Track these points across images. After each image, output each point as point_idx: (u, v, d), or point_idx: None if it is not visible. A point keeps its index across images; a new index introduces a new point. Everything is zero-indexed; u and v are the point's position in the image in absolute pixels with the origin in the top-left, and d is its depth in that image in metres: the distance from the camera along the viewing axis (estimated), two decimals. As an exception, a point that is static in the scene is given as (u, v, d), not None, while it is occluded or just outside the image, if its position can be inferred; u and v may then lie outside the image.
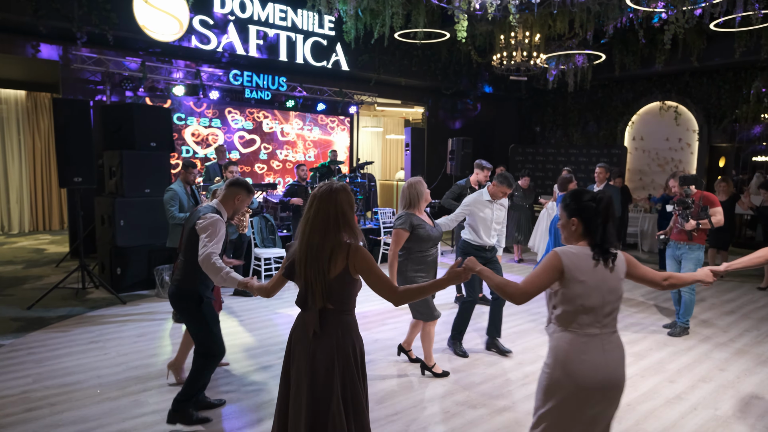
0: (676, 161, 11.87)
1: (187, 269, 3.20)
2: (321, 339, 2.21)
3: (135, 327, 5.20)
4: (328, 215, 2.19)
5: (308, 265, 2.19)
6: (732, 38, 9.42)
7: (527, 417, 3.50)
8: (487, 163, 6.11)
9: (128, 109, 6.59)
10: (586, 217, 2.14)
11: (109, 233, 6.41)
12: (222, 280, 2.96)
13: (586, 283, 2.07)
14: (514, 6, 7.11)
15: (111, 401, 3.61)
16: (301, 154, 10.67)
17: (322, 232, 2.19)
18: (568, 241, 2.22)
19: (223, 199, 3.26)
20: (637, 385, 4.06)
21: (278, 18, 9.23)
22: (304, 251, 2.20)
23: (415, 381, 4.04)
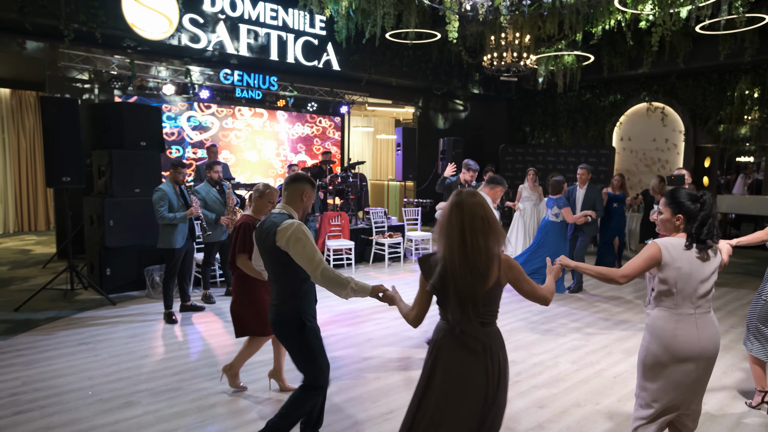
0: (663, 161, 12.02)
1: (283, 293, 2.73)
2: (485, 354, 2.08)
3: (126, 328, 5.15)
4: (483, 222, 2.04)
5: (464, 276, 2.01)
6: (717, 41, 9.56)
7: (520, 413, 3.53)
8: (474, 164, 6.17)
9: (117, 108, 6.54)
10: (690, 215, 2.43)
11: (98, 233, 6.34)
12: (352, 292, 2.56)
13: (682, 270, 2.40)
14: (504, 7, 7.15)
15: (103, 403, 3.58)
16: (292, 153, 10.64)
17: (478, 241, 2.03)
18: (669, 232, 2.54)
19: (288, 200, 2.82)
20: (627, 381, 4.11)
21: (269, 17, 9.20)
22: (460, 262, 2.01)
23: (409, 378, 4.05)
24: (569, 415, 3.54)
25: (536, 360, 4.53)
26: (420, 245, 9.39)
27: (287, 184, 2.86)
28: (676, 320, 2.42)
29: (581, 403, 3.73)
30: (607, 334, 5.29)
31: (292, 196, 2.82)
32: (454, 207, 2.06)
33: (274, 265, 2.73)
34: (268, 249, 2.70)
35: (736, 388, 4.04)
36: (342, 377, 4.09)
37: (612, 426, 3.42)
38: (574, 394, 3.88)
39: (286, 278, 2.69)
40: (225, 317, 5.57)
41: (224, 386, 3.88)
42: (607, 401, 3.77)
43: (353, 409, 3.58)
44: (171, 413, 3.45)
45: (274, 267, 2.73)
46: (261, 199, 3.64)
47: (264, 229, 2.73)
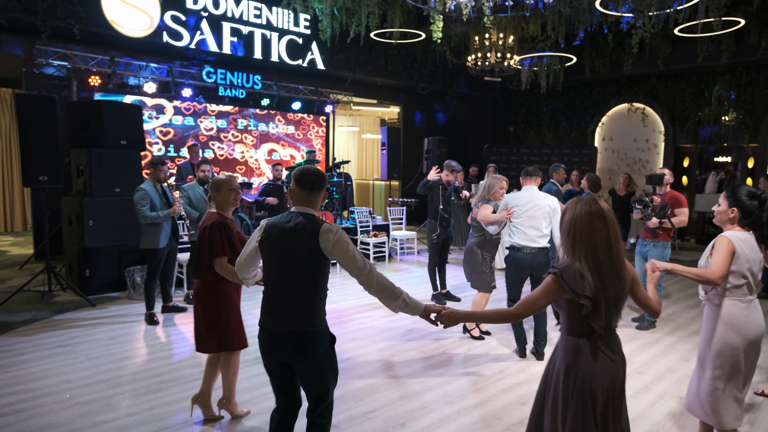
0: (644, 161, 12.19)
1: (305, 304, 2.36)
2: (622, 359, 2.12)
3: (105, 330, 5.07)
4: (619, 229, 2.06)
5: (614, 285, 1.99)
6: (695, 44, 9.73)
7: (503, 410, 3.55)
8: (457, 166, 6.20)
9: (97, 106, 6.43)
10: (745, 210, 2.67)
11: (77, 234, 6.23)
12: (403, 305, 2.31)
13: (750, 260, 2.64)
14: (488, 8, 7.20)
15: (81, 406, 3.51)
16: (276, 153, 10.58)
17: (620, 249, 2.04)
18: (722, 224, 2.76)
19: (308, 201, 2.45)
20: (609, 379, 4.16)
21: (252, 15, 9.13)
22: (610, 271, 1.99)
23: (392, 378, 4.05)
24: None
25: (518, 357, 4.56)
26: (405, 244, 9.41)
27: (307, 188, 2.45)
28: (746, 307, 2.66)
29: (563, 401, 3.76)
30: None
31: (314, 198, 2.47)
32: (596, 216, 2.00)
33: (301, 271, 2.35)
34: (296, 252, 2.34)
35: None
36: (325, 377, 4.07)
37: (593, 422, 3.45)
38: (556, 391, 3.91)
39: (314, 286, 2.36)
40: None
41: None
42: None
43: (336, 408, 3.57)
44: (152, 415, 3.40)
45: (302, 273, 2.35)
46: (221, 193, 3.20)
47: (288, 230, 2.36)
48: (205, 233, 3.10)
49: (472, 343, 4.91)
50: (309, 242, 2.32)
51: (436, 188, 6.18)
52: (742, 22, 7.75)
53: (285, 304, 2.37)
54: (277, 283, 2.40)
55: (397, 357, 4.53)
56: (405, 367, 4.30)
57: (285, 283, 2.38)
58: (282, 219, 2.43)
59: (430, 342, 4.91)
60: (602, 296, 1.98)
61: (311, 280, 2.36)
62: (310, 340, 2.34)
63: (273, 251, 2.40)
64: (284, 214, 2.47)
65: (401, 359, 4.47)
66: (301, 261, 2.34)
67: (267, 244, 2.42)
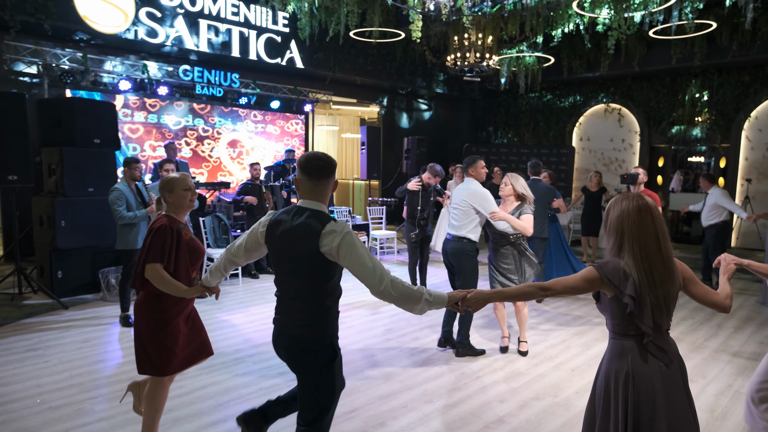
0: (620, 161, 12.39)
1: (310, 312, 2.17)
2: (677, 363, 1.99)
3: (78, 333, 4.95)
4: (665, 226, 2.00)
5: (663, 283, 1.92)
6: (669, 45, 9.92)
7: (481, 408, 3.57)
8: (441, 171, 6.24)
9: (69, 104, 6.28)
10: None
11: (48, 234, 6.08)
12: (427, 306, 2.13)
13: None
14: (467, 8, 7.23)
15: (52, 411, 3.42)
16: (255, 152, 10.47)
17: (669, 246, 1.97)
18: None
19: (314, 194, 2.22)
20: (584, 373, 4.21)
21: (230, 13, 9.02)
22: (659, 269, 1.92)
23: (372, 378, 4.04)
24: (529, 408, 3.60)
25: (497, 355, 4.59)
26: (385, 244, 9.40)
27: (314, 176, 2.20)
28: None
29: (540, 396, 3.79)
30: (566, 328, 5.41)
31: (323, 188, 2.21)
32: (645, 212, 1.93)
33: (305, 277, 2.16)
34: (299, 255, 2.14)
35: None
36: (304, 378, 4.04)
37: (570, 417, 3.49)
38: (533, 387, 3.95)
39: (320, 293, 2.16)
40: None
41: (183, 389, 3.77)
42: (565, 394, 3.85)
43: (315, 409, 3.54)
44: (126, 419, 3.33)
45: (305, 279, 2.16)
46: (174, 194, 2.75)
47: (290, 228, 2.16)
48: (148, 236, 2.67)
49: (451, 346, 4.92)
50: (310, 244, 2.10)
51: (415, 192, 6.22)
52: (713, 25, 7.92)
53: (288, 307, 2.22)
54: (282, 283, 2.25)
55: (376, 356, 4.52)
56: (384, 367, 4.29)
57: (288, 285, 2.22)
58: (286, 214, 2.21)
59: (410, 341, 4.91)
60: (651, 295, 1.90)
61: (314, 285, 2.15)
62: (306, 349, 2.17)
63: (275, 249, 2.23)
64: (290, 208, 2.24)
65: (381, 359, 4.46)
66: (302, 264, 2.14)
67: (270, 241, 2.25)
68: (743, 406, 3.64)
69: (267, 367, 4.21)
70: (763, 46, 9.31)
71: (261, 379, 3.99)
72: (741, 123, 10.64)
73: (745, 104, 10.54)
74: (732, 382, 4.12)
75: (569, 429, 3.34)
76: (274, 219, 2.26)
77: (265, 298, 6.28)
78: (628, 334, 1.95)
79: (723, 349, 4.89)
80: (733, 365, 4.49)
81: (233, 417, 3.36)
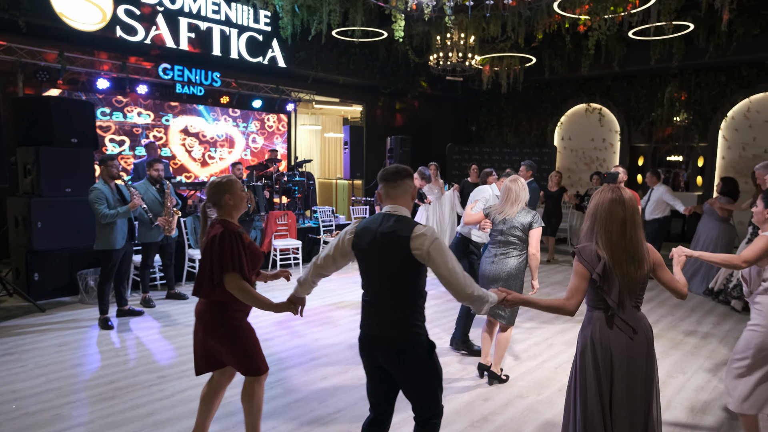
0: (601, 160, 12.54)
1: (405, 313, 2.27)
2: (641, 336, 2.25)
3: (56, 336, 4.85)
4: (638, 216, 2.27)
5: (627, 265, 2.19)
6: (648, 46, 10.07)
7: (467, 407, 3.57)
8: (428, 174, 6.26)
9: (45, 103, 6.15)
10: None
11: (24, 236, 5.94)
12: (488, 305, 2.31)
13: None
14: (449, 8, 7.24)
15: (29, 416, 3.34)
16: (237, 151, 10.37)
17: (637, 234, 2.23)
18: (760, 223, 2.98)
19: (398, 200, 2.33)
20: (567, 371, 4.20)
21: (211, 11, 8.91)
22: (623, 252, 2.20)
23: (356, 378, 4.02)
24: (513, 407, 3.62)
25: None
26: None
27: (391, 179, 2.33)
28: None
29: (524, 395, 3.81)
30: (549, 326, 5.45)
31: (403, 194, 2.33)
32: (616, 203, 2.22)
33: (396, 280, 2.26)
34: (388, 259, 2.24)
35: (666, 373, 4.26)
36: (288, 378, 4.00)
37: (554, 414, 3.51)
38: (517, 385, 3.97)
39: (412, 294, 2.27)
40: (164, 321, 5.36)
41: (163, 393, 3.71)
42: (549, 392, 3.88)
43: (299, 410, 3.51)
44: (105, 424, 3.27)
45: (398, 282, 2.26)
46: (234, 196, 2.71)
47: (379, 235, 2.25)
48: (213, 243, 2.58)
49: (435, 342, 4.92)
50: (401, 247, 2.20)
51: None
52: (691, 27, 8.05)
53: (381, 311, 2.29)
54: (372, 288, 2.33)
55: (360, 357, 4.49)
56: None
57: (379, 289, 2.30)
58: (373, 222, 2.31)
59: (394, 341, 4.89)
60: (614, 274, 2.18)
61: (406, 287, 2.26)
62: (407, 350, 2.26)
63: (365, 256, 2.31)
64: (376, 216, 2.34)
65: (365, 359, 4.45)
66: (394, 268, 2.24)
67: (358, 249, 2.33)
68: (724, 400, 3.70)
69: (250, 369, 4.16)
70: (739, 48, 9.50)
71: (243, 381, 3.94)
72: (718, 123, 10.85)
73: (721, 104, 10.75)
74: (711, 377, 4.19)
75: (553, 426, 3.36)
76: (361, 227, 2.34)
77: (248, 299, 6.22)
78: (598, 307, 2.29)
79: (702, 345, 4.98)
80: (712, 360, 4.57)
81: (216, 420, 3.32)
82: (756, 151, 10.45)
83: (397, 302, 2.27)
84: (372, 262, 2.29)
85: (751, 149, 10.52)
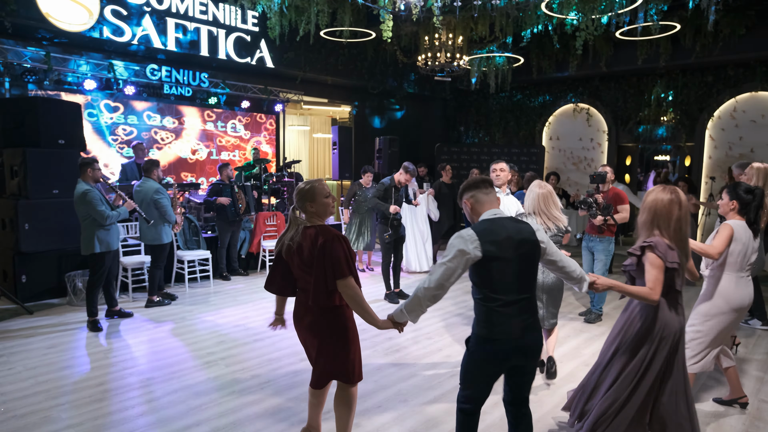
0: (589, 160, 12.65)
1: (533, 304, 2.49)
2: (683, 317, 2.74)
3: (44, 338, 4.81)
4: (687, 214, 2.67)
5: (682, 255, 2.63)
6: (635, 46, 10.18)
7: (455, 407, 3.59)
8: (413, 169, 6.27)
9: (31, 104, 6.09)
10: (742, 203, 3.40)
11: (11, 238, 5.89)
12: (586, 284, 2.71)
13: (744, 243, 3.35)
14: (437, 8, 7.28)
15: (17, 419, 3.32)
16: (225, 152, 10.34)
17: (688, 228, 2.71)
18: (725, 213, 3.49)
19: (494, 202, 2.54)
20: (557, 370, 4.28)
21: (198, 11, 8.88)
22: (683, 246, 2.66)
23: (346, 379, 4.03)
24: (502, 406, 3.64)
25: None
26: (358, 244, 9.38)
27: (480, 183, 2.54)
28: (737, 280, 3.37)
29: (513, 393, 3.84)
30: (538, 325, 5.49)
31: (494, 193, 2.56)
32: (674, 203, 2.62)
33: (530, 275, 2.45)
34: (527, 254, 2.40)
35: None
36: (279, 378, 4.01)
37: (544, 413, 3.55)
38: (506, 384, 4.00)
39: (534, 288, 2.49)
40: (153, 324, 5.34)
41: (153, 394, 3.71)
42: (539, 391, 3.91)
43: (290, 410, 3.53)
44: (94, 426, 3.26)
45: (531, 276, 2.45)
46: (316, 203, 2.73)
47: (511, 235, 2.38)
48: (325, 250, 2.58)
49: (425, 341, 4.96)
50: (533, 242, 2.42)
51: (389, 191, 6.22)
52: (677, 27, 8.15)
53: (527, 307, 2.42)
54: (510, 285, 2.37)
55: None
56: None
57: (521, 285, 2.39)
58: (498, 227, 2.38)
59: (384, 341, 4.92)
60: (681, 263, 2.62)
61: (534, 282, 2.48)
62: (541, 343, 2.51)
63: (498, 259, 2.34)
64: (496, 221, 2.41)
65: (355, 358, 4.46)
66: (531, 260, 2.44)
67: (494, 256, 2.34)
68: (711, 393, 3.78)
69: (240, 370, 4.17)
70: (725, 48, 9.62)
71: (233, 382, 3.95)
72: (705, 122, 10.98)
73: (708, 104, 10.88)
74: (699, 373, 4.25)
75: (543, 425, 3.40)
76: (483, 233, 2.36)
77: (237, 300, 6.21)
78: (671, 293, 2.68)
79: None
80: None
81: (206, 421, 3.33)
82: (742, 150, 10.59)
83: (531, 296, 2.45)
84: (507, 263, 2.36)
85: (738, 149, 10.66)
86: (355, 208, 7.79)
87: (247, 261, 7.92)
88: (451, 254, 2.36)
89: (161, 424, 3.30)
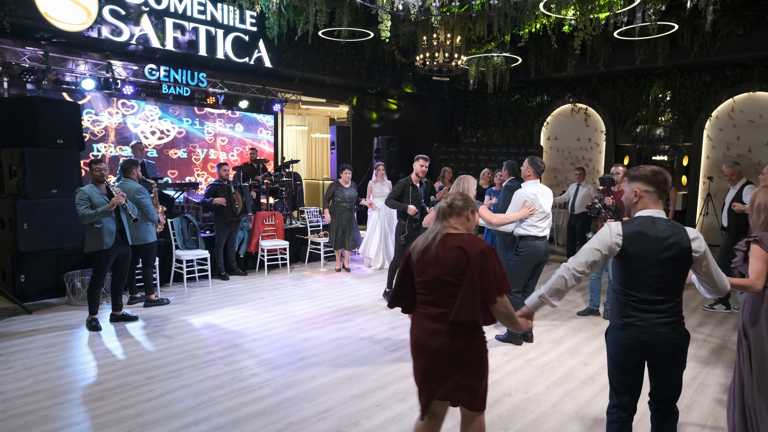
0: (587, 160, 12.68)
1: (680, 306, 2.48)
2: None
3: (43, 338, 4.82)
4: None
5: None
6: (633, 46, 10.21)
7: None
8: (425, 156, 6.28)
9: (30, 103, 6.10)
10: None
11: (10, 237, 5.90)
12: None
13: None
14: (435, 8, 7.29)
15: (17, 418, 3.33)
16: (223, 152, 10.34)
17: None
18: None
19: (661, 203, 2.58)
20: (555, 369, 4.31)
21: (197, 11, 8.88)
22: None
23: (345, 377, 4.05)
24: (501, 405, 3.67)
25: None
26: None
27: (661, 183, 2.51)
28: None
29: (512, 392, 3.86)
30: (536, 325, 5.51)
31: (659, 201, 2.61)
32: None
33: (673, 279, 2.42)
34: (672, 258, 2.38)
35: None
36: (277, 378, 4.02)
37: (541, 412, 3.57)
38: (505, 383, 4.02)
39: (681, 290, 2.46)
40: (151, 323, 5.34)
41: (153, 393, 3.72)
42: (536, 389, 3.93)
43: (288, 409, 3.54)
44: (94, 425, 3.27)
45: (674, 280, 2.42)
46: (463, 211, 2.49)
47: (659, 236, 2.38)
48: (485, 261, 2.33)
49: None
50: (683, 247, 2.37)
51: (406, 189, 6.11)
52: (675, 27, 8.17)
53: (663, 308, 2.42)
54: (649, 285, 2.41)
55: (349, 356, 4.53)
56: (357, 366, 4.31)
57: (660, 286, 2.41)
58: (649, 226, 2.41)
59: (382, 340, 4.93)
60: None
61: (681, 283, 2.45)
62: (683, 342, 2.46)
63: (637, 257, 2.40)
64: (648, 220, 2.44)
65: (353, 358, 4.48)
66: (676, 264, 2.40)
67: (635, 253, 2.40)
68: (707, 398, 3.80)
69: (238, 369, 4.18)
70: (723, 48, 9.65)
71: (233, 381, 3.96)
72: (702, 122, 11.02)
73: (706, 104, 10.92)
74: (696, 374, 4.28)
75: (540, 424, 3.42)
76: (631, 229, 2.43)
77: (236, 299, 6.21)
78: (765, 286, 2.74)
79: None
80: (696, 359, 4.66)
81: (205, 420, 3.34)
82: (740, 150, 10.63)
83: (676, 299, 2.46)
84: (650, 262, 2.40)
85: (735, 148, 10.70)
86: (332, 208, 7.73)
87: (245, 261, 7.93)
88: (596, 241, 2.48)
89: (160, 423, 3.31)
